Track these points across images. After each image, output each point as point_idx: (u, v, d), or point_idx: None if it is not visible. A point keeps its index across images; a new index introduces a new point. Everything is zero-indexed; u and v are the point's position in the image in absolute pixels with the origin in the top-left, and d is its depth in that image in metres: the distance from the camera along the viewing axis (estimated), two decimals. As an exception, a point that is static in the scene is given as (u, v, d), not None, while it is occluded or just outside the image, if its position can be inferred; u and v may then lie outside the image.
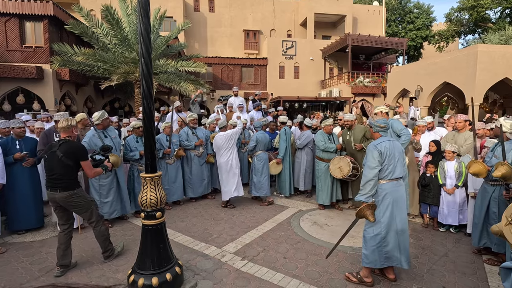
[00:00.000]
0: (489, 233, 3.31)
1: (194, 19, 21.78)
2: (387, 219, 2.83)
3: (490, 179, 3.32)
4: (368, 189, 2.81)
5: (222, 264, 3.33)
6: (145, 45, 2.63)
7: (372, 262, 2.87)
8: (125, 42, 10.46)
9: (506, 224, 1.37)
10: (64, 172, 3.03)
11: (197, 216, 4.97)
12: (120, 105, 16.08)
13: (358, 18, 24.47)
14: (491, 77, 9.48)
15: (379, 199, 2.85)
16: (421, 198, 4.49)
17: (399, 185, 2.91)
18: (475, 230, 3.54)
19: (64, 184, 3.03)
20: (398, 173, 2.88)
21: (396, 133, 4.24)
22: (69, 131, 3.13)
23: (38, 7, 10.46)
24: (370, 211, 2.76)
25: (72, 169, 3.08)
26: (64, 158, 2.99)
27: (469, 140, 4.44)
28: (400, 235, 2.87)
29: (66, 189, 3.04)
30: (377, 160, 2.80)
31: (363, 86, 17.91)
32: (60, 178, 3.02)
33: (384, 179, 2.85)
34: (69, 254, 3.18)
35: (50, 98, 11.03)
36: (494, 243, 3.29)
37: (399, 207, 2.87)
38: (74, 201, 3.09)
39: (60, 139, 3.13)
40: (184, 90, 11.13)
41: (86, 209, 3.21)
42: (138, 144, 4.89)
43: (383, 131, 2.97)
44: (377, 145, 2.84)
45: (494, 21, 23.23)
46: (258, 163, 5.56)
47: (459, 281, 3.01)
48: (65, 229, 3.19)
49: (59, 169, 3.02)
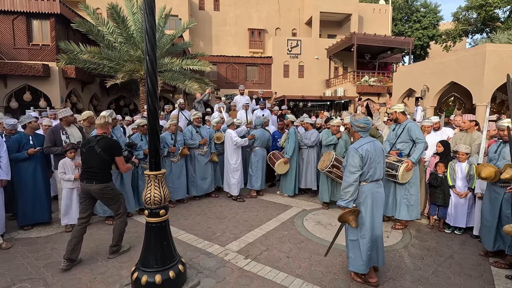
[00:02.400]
0: (503, 236, 3.24)
1: (199, 17, 21.82)
2: (369, 220, 2.80)
3: (499, 181, 3.25)
4: (348, 195, 2.71)
5: (225, 263, 3.33)
6: (150, 42, 2.63)
7: (359, 267, 2.80)
8: (130, 41, 10.51)
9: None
10: (101, 165, 3.27)
11: (201, 214, 4.97)
12: (125, 103, 16.17)
13: (364, 17, 24.28)
14: (499, 77, 9.31)
15: (360, 201, 2.80)
16: (432, 199, 4.41)
17: (379, 186, 2.86)
18: (489, 234, 3.43)
19: (100, 177, 3.26)
20: (379, 175, 2.82)
21: (412, 138, 4.07)
22: (105, 128, 3.43)
23: (45, 5, 10.56)
24: (353, 217, 2.71)
25: (108, 163, 3.33)
26: (102, 153, 3.23)
27: (477, 141, 4.37)
28: (379, 235, 2.86)
29: (101, 182, 3.27)
30: (358, 165, 2.70)
31: (369, 85, 17.77)
32: (97, 171, 3.25)
33: (365, 181, 2.79)
34: (78, 249, 3.26)
35: (57, 95, 11.14)
36: (508, 245, 3.22)
37: (378, 208, 2.84)
38: (107, 193, 3.32)
39: (97, 135, 3.36)
40: (189, 88, 11.15)
41: (116, 201, 3.41)
42: (142, 142, 4.92)
43: (362, 131, 2.84)
44: (358, 149, 2.72)
45: (503, 20, 22.87)
46: (254, 158, 5.95)
47: (465, 283, 2.97)
48: (82, 223, 3.31)
49: (96, 163, 3.25)
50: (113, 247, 3.47)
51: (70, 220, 4.15)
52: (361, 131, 2.85)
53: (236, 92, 10.29)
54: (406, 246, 3.81)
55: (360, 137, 2.87)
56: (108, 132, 3.49)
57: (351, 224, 2.73)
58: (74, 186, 4.15)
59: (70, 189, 4.15)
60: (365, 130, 2.84)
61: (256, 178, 5.95)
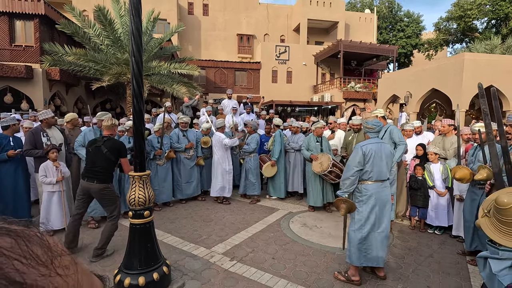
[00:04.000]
0: (480, 236, 3.38)
1: (188, 22, 21.83)
2: (370, 219, 2.88)
3: (478, 183, 3.41)
4: (344, 187, 2.91)
5: (211, 265, 3.33)
6: (136, 44, 2.65)
7: (353, 259, 2.92)
8: (117, 43, 10.41)
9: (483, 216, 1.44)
10: (106, 165, 3.35)
11: (187, 218, 4.94)
12: (111, 106, 15.91)
13: (350, 24, 24.93)
14: (477, 84, 9.75)
15: (363, 199, 2.90)
16: (412, 202, 4.56)
17: (384, 187, 2.96)
18: (467, 234, 3.59)
19: (103, 177, 3.33)
20: (384, 175, 2.93)
21: (394, 141, 4.30)
22: (111, 130, 3.54)
23: (29, 6, 10.34)
24: (343, 205, 2.85)
25: (113, 164, 3.41)
26: (109, 153, 3.32)
27: (455, 144, 4.56)
28: (382, 236, 2.93)
29: (103, 182, 3.33)
30: (358, 162, 2.85)
31: (355, 91, 18.18)
32: (101, 171, 3.33)
33: (369, 180, 2.90)
34: (76, 240, 3.46)
35: (40, 98, 10.85)
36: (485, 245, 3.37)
37: (383, 208, 2.93)
38: (106, 194, 3.37)
39: (104, 136, 3.48)
40: (177, 92, 11.11)
41: (112, 202, 3.44)
42: (130, 145, 4.88)
43: (370, 132, 3.01)
44: (363, 146, 2.89)
45: (481, 31, 23.98)
46: (254, 164, 5.89)
47: (443, 281, 3.08)
48: (76, 219, 3.43)
49: (101, 162, 3.33)
50: (98, 249, 3.40)
51: (49, 225, 4.04)
52: (368, 132, 3.02)
53: (224, 96, 10.34)
54: (388, 246, 3.91)
55: (369, 137, 3.04)
56: (114, 134, 3.61)
57: (340, 211, 2.87)
58: (54, 190, 4.06)
59: (51, 193, 4.05)
60: (372, 131, 3.01)
61: (259, 184, 5.89)
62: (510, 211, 1.28)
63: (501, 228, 1.34)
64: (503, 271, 1.28)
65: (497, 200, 1.32)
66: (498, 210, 1.32)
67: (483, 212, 1.42)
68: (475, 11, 21.87)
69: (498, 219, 1.35)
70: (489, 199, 1.46)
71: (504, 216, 1.31)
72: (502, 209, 1.29)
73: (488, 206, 1.41)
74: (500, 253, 1.33)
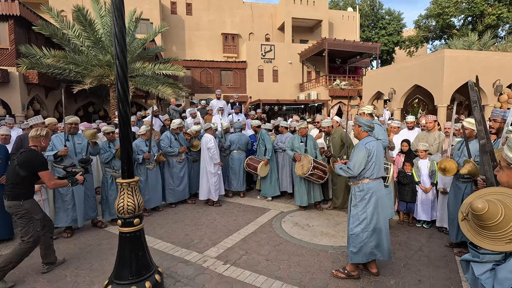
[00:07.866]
0: None
1: (172, 22, 21.49)
2: (372, 216, 2.93)
3: (461, 177, 3.51)
4: (341, 172, 3.00)
5: (204, 270, 3.28)
6: (120, 46, 2.56)
7: (359, 258, 2.96)
8: (98, 44, 10.11)
9: (462, 219, 1.41)
10: (15, 181, 2.97)
11: (177, 222, 4.86)
12: (94, 110, 15.47)
13: (334, 23, 25.24)
14: (456, 80, 10.08)
15: (367, 198, 2.94)
16: (400, 197, 4.65)
17: (381, 183, 3.06)
18: (452, 226, 3.69)
19: (13, 194, 2.97)
20: (382, 171, 3.03)
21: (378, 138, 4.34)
22: (36, 141, 3.09)
23: (3, 7, 9.89)
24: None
25: (23, 180, 2.97)
26: (18, 167, 2.92)
27: (438, 140, 4.69)
28: (384, 231, 2.99)
29: (13, 199, 2.97)
30: (361, 159, 2.88)
31: (340, 89, 18.44)
32: (12, 187, 2.98)
33: (370, 177, 2.94)
34: (51, 254, 3.27)
35: (17, 102, 10.42)
36: None
37: (383, 205, 3.00)
38: (17, 212, 2.98)
39: (25, 148, 3.10)
40: (162, 93, 10.92)
41: (25, 224, 3.01)
42: (110, 149, 4.77)
43: (371, 131, 3.08)
44: (366, 144, 2.94)
45: (458, 27, 24.82)
46: (231, 161, 6.19)
47: (433, 274, 3.15)
48: (44, 233, 3.19)
49: (12, 178, 2.99)
50: None
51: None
52: (369, 130, 3.05)
53: (211, 96, 10.26)
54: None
55: (367, 135, 3.06)
56: (40, 146, 3.11)
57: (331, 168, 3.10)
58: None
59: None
60: (372, 129, 3.05)
61: (234, 180, 6.13)
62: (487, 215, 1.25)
63: (481, 232, 1.32)
64: (485, 275, 1.28)
65: (472, 206, 1.29)
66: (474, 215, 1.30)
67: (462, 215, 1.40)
68: (452, 8, 22.63)
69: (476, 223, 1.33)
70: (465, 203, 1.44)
71: (482, 221, 1.28)
72: (478, 215, 1.28)
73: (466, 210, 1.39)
74: (480, 257, 1.33)
